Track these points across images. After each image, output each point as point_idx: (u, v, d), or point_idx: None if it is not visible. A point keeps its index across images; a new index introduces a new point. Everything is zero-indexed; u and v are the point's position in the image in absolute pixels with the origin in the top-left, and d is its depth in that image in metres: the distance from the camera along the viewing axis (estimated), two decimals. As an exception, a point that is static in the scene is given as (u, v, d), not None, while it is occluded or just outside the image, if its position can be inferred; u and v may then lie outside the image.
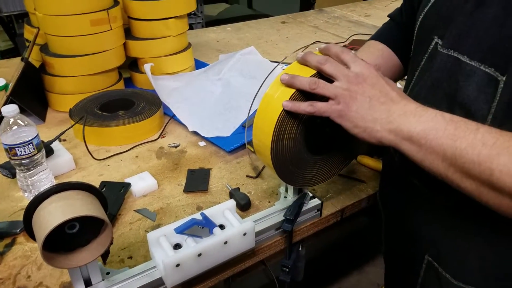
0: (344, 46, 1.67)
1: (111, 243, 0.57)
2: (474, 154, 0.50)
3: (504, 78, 0.53)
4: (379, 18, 2.10)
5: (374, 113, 0.57)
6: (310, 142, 0.69)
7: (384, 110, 0.57)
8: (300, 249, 0.87)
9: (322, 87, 0.60)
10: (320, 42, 1.71)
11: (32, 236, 0.55)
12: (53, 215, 0.51)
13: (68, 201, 0.53)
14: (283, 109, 0.63)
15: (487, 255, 0.63)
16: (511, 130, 0.51)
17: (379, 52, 0.84)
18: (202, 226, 0.68)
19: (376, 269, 1.87)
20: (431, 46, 0.65)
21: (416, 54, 0.71)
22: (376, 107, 0.57)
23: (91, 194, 0.57)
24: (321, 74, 0.63)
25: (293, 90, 0.63)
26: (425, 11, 0.68)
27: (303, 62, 0.65)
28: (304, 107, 0.61)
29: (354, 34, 1.77)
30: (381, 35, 0.88)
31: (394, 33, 0.86)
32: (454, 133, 0.52)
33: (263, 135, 0.66)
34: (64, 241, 0.55)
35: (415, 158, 0.55)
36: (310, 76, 0.62)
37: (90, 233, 0.57)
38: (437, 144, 0.52)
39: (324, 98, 0.61)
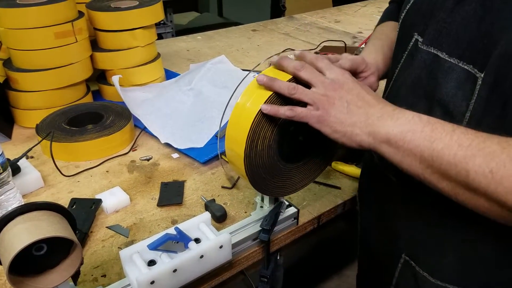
0: (316, 52, 1.68)
1: (82, 263, 0.55)
2: (451, 155, 0.50)
3: (482, 75, 0.54)
4: (349, 24, 2.13)
5: (353, 117, 0.58)
6: (284, 150, 0.68)
7: (362, 114, 0.58)
8: (278, 258, 0.86)
9: (301, 92, 0.60)
10: (291, 49, 1.71)
11: (-3, 260, 0.53)
12: (18, 237, 0.48)
13: (34, 222, 0.50)
14: (256, 117, 0.62)
15: (465, 252, 0.63)
16: (489, 127, 0.52)
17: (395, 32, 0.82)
18: (177, 241, 0.66)
19: (356, 273, 1.87)
20: (411, 43, 0.66)
21: (397, 51, 0.71)
22: (354, 111, 0.58)
23: (58, 213, 0.55)
24: (296, 80, 0.63)
25: (265, 98, 0.62)
26: (407, 8, 0.69)
27: (279, 67, 0.64)
28: (284, 111, 0.61)
29: (325, 41, 1.78)
30: (390, 16, 0.88)
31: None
32: (431, 134, 0.52)
33: (236, 144, 0.65)
34: (32, 263, 0.53)
35: (394, 160, 0.56)
36: (287, 81, 0.62)
37: (59, 254, 0.55)
38: (414, 146, 0.53)
39: (300, 104, 0.61)
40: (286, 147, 0.68)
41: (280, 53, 1.69)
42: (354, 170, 0.98)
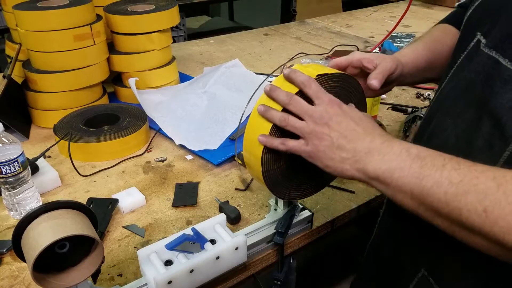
0: (328, 57, 1.69)
1: (103, 262, 0.57)
2: (441, 193, 0.48)
3: None
4: (360, 28, 2.14)
5: (341, 153, 0.57)
6: (300, 156, 0.69)
7: (350, 150, 0.57)
8: (291, 261, 0.87)
9: (292, 125, 0.60)
10: (304, 53, 1.72)
11: (21, 257, 0.54)
12: (43, 235, 0.50)
13: (58, 221, 0.52)
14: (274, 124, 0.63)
15: (480, 271, 0.59)
16: None
17: (453, 38, 0.76)
18: (193, 242, 0.67)
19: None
20: (472, 43, 0.61)
21: (456, 50, 0.67)
22: (342, 147, 0.57)
23: (80, 212, 0.56)
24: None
25: (280, 108, 0.63)
26: (475, 4, 0.64)
27: (270, 96, 0.64)
28: (277, 144, 0.62)
29: (337, 45, 1.79)
30: (451, 19, 0.84)
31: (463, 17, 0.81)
32: (419, 171, 0.50)
33: (254, 146, 0.66)
34: (54, 261, 0.54)
35: (386, 194, 0.55)
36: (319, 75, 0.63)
37: (81, 252, 0.56)
38: (403, 183, 0.51)
39: None
40: (299, 158, 0.69)
41: (293, 57, 1.70)
42: (367, 174, 0.99)
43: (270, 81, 0.71)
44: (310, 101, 0.61)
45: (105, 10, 1.28)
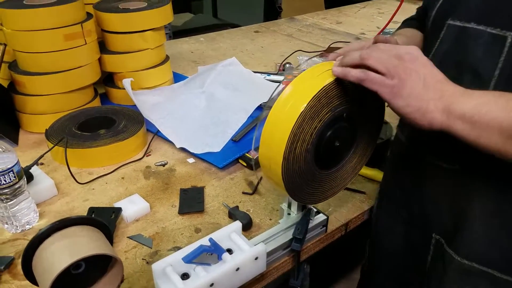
0: (321, 52, 1.66)
1: (122, 281, 0.52)
2: None
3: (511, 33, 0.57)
4: (350, 25, 2.12)
5: (428, 92, 0.55)
6: (320, 156, 0.66)
7: (437, 90, 0.55)
8: (305, 267, 0.83)
9: (375, 58, 0.57)
10: (301, 51, 1.69)
11: (31, 279, 0.49)
12: (57, 256, 0.45)
13: (73, 239, 0.47)
14: (298, 118, 0.59)
15: (494, 222, 0.64)
16: None
17: (420, 36, 0.81)
18: (211, 253, 0.63)
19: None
20: (444, 30, 0.66)
21: (430, 41, 0.70)
22: (430, 86, 0.55)
23: (95, 228, 0.51)
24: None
25: (295, 118, 0.60)
26: (438, 4, 0.69)
27: (345, 63, 0.61)
28: (355, 72, 0.58)
29: (334, 42, 1.77)
30: (408, 23, 0.87)
31: (416, 25, 0.85)
32: (506, 104, 0.51)
33: (274, 147, 0.62)
34: (68, 282, 0.49)
35: (470, 137, 0.54)
36: (334, 80, 0.61)
37: (97, 271, 0.51)
38: (491, 118, 0.51)
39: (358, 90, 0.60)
40: (322, 153, 0.66)
41: (290, 55, 1.66)
42: (377, 174, 0.96)
43: (272, 80, 0.67)
44: None
45: (95, 8, 1.22)
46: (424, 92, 0.55)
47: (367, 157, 0.75)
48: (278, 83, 0.99)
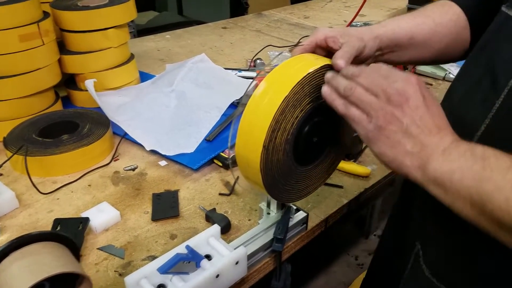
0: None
1: (91, 300, 0.48)
2: (501, 199, 0.42)
3: None
4: (318, 19, 2.11)
5: (407, 145, 0.49)
6: (298, 150, 0.63)
7: (418, 143, 0.48)
8: (286, 266, 0.80)
9: (357, 96, 0.51)
10: (272, 46, 1.65)
11: (-13, 305, 0.44)
12: (18, 278, 0.40)
13: (34, 258, 0.42)
14: (280, 106, 0.56)
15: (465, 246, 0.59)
16: None
17: (455, 17, 0.70)
18: (189, 261, 0.59)
19: (343, 269, 1.85)
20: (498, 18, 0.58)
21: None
22: (412, 136, 0.48)
23: (59, 243, 0.47)
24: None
25: (278, 103, 0.57)
26: None
27: (332, 85, 0.56)
28: (339, 103, 0.53)
29: (304, 37, 1.74)
30: None
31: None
32: (481, 173, 0.43)
33: (253, 138, 0.58)
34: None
35: (445, 202, 0.47)
36: (320, 67, 0.57)
37: (63, 291, 0.47)
38: (462, 187, 0.45)
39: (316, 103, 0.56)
40: (300, 146, 0.63)
41: (260, 50, 1.63)
42: (354, 167, 0.94)
43: (244, 77, 0.64)
44: None
45: (53, 6, 1.15)
46: (402, 143, 0.49)
47: (341, 157, 0.73)
48: (252, 79, 0.95)
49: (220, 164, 0.96)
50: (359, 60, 0.67)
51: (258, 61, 1.48)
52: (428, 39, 0.72)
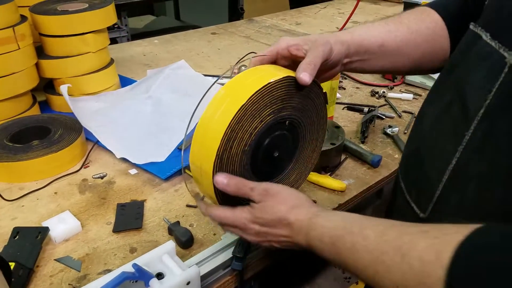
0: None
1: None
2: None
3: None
4: (309, 26, 2.09)
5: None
6: (256, 163, 0.61)
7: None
8: (252, 285, 0.78)
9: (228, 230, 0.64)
10: (254, 52, 1.64)
11: None
12: None
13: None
14: (236, 114, 0.55)
15: None
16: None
17: (432, 25, 0.69)
18: (135, 280, 0.57)
19: (327, 282, 1.82)
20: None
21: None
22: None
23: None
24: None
25: (234, 111, 0.55)
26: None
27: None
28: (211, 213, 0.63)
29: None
30: (439, 4, 0.72)
31: (454, 7, 0.70)
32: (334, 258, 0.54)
33: (206, 146, 0.57)
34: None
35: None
36: (281, 78, 0.57)
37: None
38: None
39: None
40: (260, 160, 0.61)
41: (243, 57, 1.61)
42: (330, 181, 0.92)
43: (221, 84, 0.63)
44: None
45: (31, 11, 1.13)
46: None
47: (307, 174, 0.71)
48: (215, 79, 0.94)
49: (191, 174, 0.93)
50: (328, 66, 0.65)
51: (243, 68, 1.46)
52: (401, 47, 0.70)
